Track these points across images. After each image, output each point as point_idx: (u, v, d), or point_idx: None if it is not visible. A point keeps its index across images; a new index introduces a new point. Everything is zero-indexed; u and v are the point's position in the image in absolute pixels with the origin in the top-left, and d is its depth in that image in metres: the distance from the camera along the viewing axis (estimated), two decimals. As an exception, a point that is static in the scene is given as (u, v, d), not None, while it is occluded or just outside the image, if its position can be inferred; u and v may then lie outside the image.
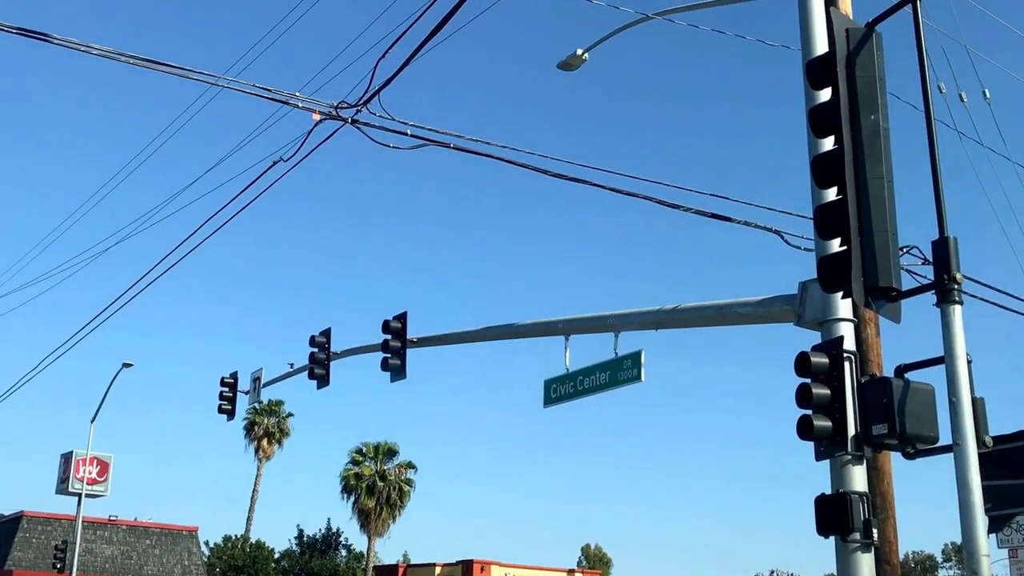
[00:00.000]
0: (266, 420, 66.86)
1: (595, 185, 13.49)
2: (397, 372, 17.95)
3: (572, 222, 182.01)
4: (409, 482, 61.67)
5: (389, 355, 17.93)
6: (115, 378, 34.22)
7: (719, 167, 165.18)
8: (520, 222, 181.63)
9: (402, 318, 18.07)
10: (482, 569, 62.33)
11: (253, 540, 65.33)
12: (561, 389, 15.29)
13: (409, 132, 13.62)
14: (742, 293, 11.32)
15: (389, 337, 17.96)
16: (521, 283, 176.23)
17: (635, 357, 13.66)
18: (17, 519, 57.96)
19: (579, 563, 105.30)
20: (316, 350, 19.79)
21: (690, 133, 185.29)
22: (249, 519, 67.28)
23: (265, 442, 67.01)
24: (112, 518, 59.53)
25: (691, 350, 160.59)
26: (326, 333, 19.90)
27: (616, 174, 13.60)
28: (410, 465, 62.52)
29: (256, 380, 22.56)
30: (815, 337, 10.01)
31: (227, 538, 65.76)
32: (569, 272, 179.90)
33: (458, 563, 63.74)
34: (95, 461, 39.96)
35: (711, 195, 13.25)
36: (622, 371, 13.82)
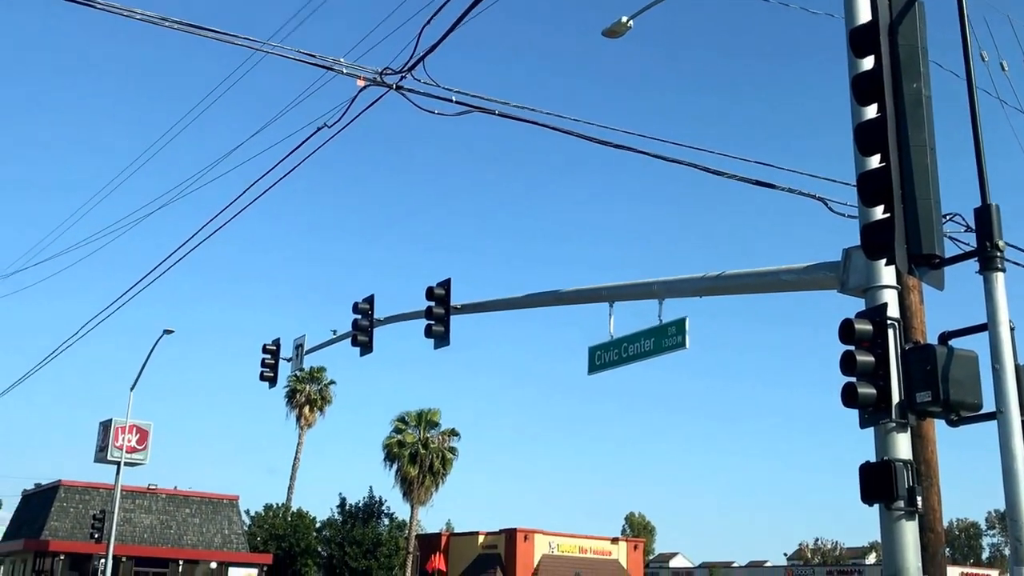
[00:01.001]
0: (308, 387, 68.26)
1: (640, 152, 13.90)
2: (440, 339, 18.54)
3: (617, 190, 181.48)
4: (452, 450, 62.79)
5: (432, 322, 18.52)
6: (155, 345, 35.33)
7: (763, 134, 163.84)
8: (564, 190, 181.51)
9: (446, 285, 18.63)
10: (525, 538, 63.50)
11: (294, 509, 66.95)
12: (605, 356, 15.82)
13: (454, 99, 14.02)
14: (786, 261, 11.76)
15: (433, 304, 18.54)
16: (565, 251, 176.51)
17: (679, 324, 14.15)
18: (55, 488, 59.90)
19: (623, 531, 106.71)
20: (359, 317, 20.44)
21: (735, 100, 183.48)
22: (290, 488, 68.96)
23: (307, 410, 68.44)
24: (151, 487, 61.32)
25: (734, 318, 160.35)
26: (369, 300, 20.53)
27: (661, 141, 14.00)
28: (453, 433, 63.63)
29: (299, 347, 23.29)
30: (859, 304, 10.44)
31: (268, 507, 67.48)
32: (613, 240, 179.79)
33: (501, 532, 64.95)
34: (134, 429, 41.25)
35: (756, 162, 13.61)
36: (666, 338, 14.33)
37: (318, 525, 66.47)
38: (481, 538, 66.21)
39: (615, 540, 70.12)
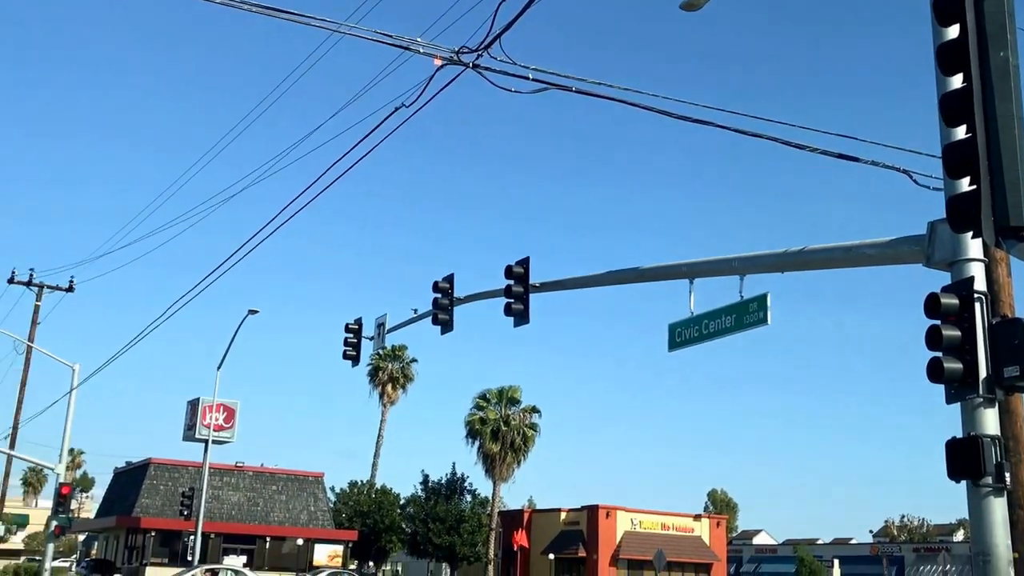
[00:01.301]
0: (390, 365, 69.37)
1: (720, 127, 13.90)
2: (520, 317, 18.79)
3: (695, 166, 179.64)
4: (533, 427, 63.27)
5: (512, 300, 18.77)
6: (241, 325, 36.27)
7: (845, 107, 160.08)
8: (643, 166, 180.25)
9: (524, 263, 18.86)
10: (607, 514, 63.77)
11: (378, 485, 68.18)
12: (686, 333, 15.91)
13: (531, 76, 14.14)
14: (868, 236, 11.71)
15: (512, 282, 18.79)
16: (644, 228, 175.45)
17: (761, 300, 14.17)
18: (144, 466, 61.95)
19: (705, 508, 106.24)
20: (439, 296, 20.81)
21: (813, 73, 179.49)
22: (374, 464, 70.28)
23: (389, 387, 69.60)
24: (238, 464, 63.03)
25: (815, 296, 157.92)
26: (449, 279, 20.89)
27: (741, 115, 13.98)
28: (534, 410, 64.08)
29: (380, 326, 23.80)
30: (944, 278, 10.38)
31: (353, 483, 68.83)
32: (692, 216, 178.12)
33: (583, 508, 65.31)
34: (221, 408, 42.50)
35: (837, 135, 13.50)
36: (748, 314, 14.37)
37: (402, 502, 67.51)
38: (563, 515, 66.68)
39: (697, 517, 69.99)
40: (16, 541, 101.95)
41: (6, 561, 74.19)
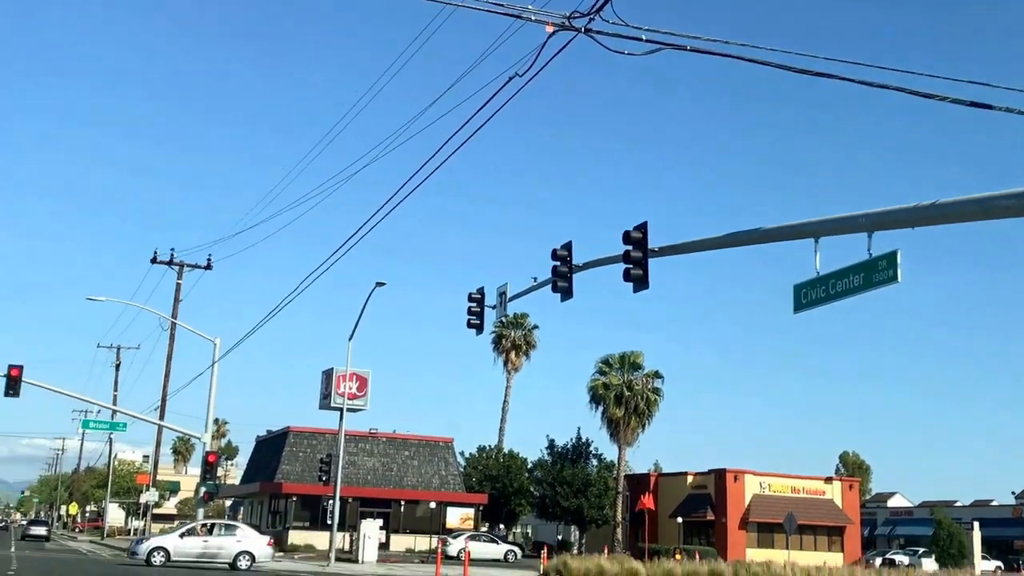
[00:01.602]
0: (513, 333, 69.87)
1: (843, 79, 13.27)
2: (639, 282, 18.50)
3: (817, 123, 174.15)
4: (656, 391, 62.86)
5: (631, 265, 18.49)
6: (369, 297, 36.86)
7: (976, 55, 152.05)
8: (760, 124, 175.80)
9: (643, 228, 18.54)
10: (735, 478, 62.97)
11: (506, 450, 68.97)
12: (812, 294, 15.39)
13: (644, 37, 13.81)
14: (1001, 187, 11.02)
15: (630, 248, 18.50)
16: (764, 189, 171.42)
17: (891, 257, 13.56)
18: (284, 435, 64.15)
19: (836, 471, 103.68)
20: (558, 263, 20.69)
21: (942, 20, 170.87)
22: (501, 430, 71.02)
23: (513, 354, 70.15)
24: (372, 431, 64.63)
25: (949, 252, 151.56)
26: (567, 246, 20.73)
27: (865, 66, 13.32)
28: (656, 375, 63.64)
29: (502, 295, 23.88)
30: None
31: (481, 448, 69.83)
32: (815, 173, 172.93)
33: (710, 472, 64.67)
34: (354, 377, 43.44)
35: (969, 82, 12.71)
36: (877, 272, 13.77)
37: (529, 466, 68.16)
38: (690, 478, 66.18)
39: (829, 480, 68.48)
40: (170, 506, 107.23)
41: (161, 525, 78.08)
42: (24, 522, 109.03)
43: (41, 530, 76.37)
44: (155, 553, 33.19)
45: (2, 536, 77.45)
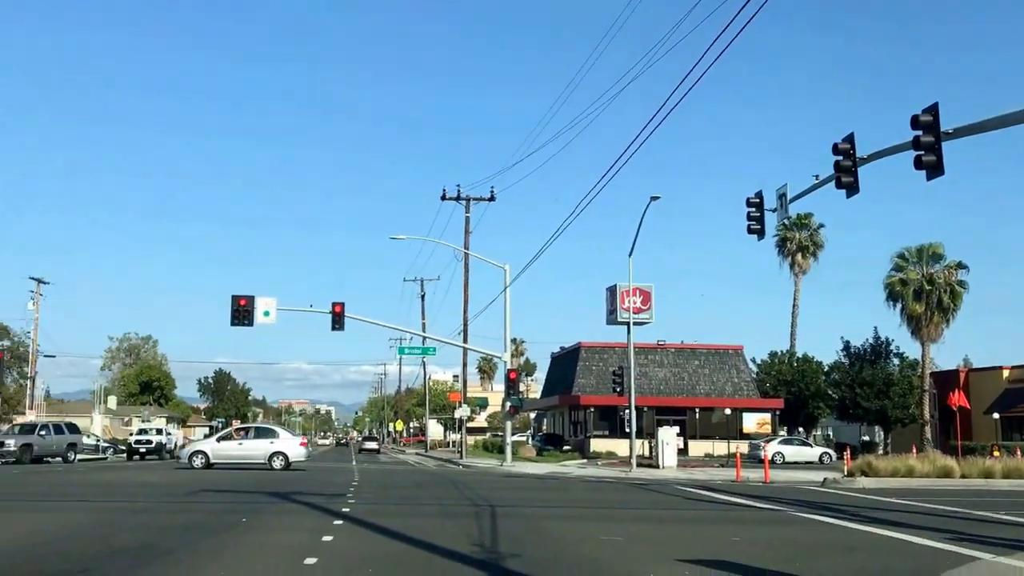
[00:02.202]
0: (797, 235, 67.17)
1: None
2: (933, 169, 17.00)
3: None
4: (961, 283, 58.41)
5: (922, 152, 17.02)
6: (645, 212, 36.60)
7: None
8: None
9: (933, 110, 16.96)
10: (1064, 371, 57.62)
11: (799, 354, 67.05)
12: None
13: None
14: None
15: (920, 133, 17.01)
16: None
17: None
18: (576, 350, 65.85)
19: None
20: (841, 158, 19.42)
21: None
22: (792, 334, 69.00)
23: (799, 256, 67.55)
24: (660, 343, 64.91)
25: None
26: (850, 139, 19.39)
27: None
28: (959, 266, 59.01)
29: (782, 196, 22.79)
30: None
31: (773, 354, 68.29)
32: None
33: (1030, 365, 59.60)
34: (637, 292, 43.45)
35: None
36: None
37: (825, 369, 66.04)
38: (1006, 372, 61.35)
39: None
40: (481, 420, 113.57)
41: (475, 437, 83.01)
42: (359, 438, 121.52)
43: (373, 445, 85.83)
44: (195, 456, 34.66)
45: (344, 451, 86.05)
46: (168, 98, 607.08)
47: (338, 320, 39.21)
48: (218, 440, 36.54)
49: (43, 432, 41.28)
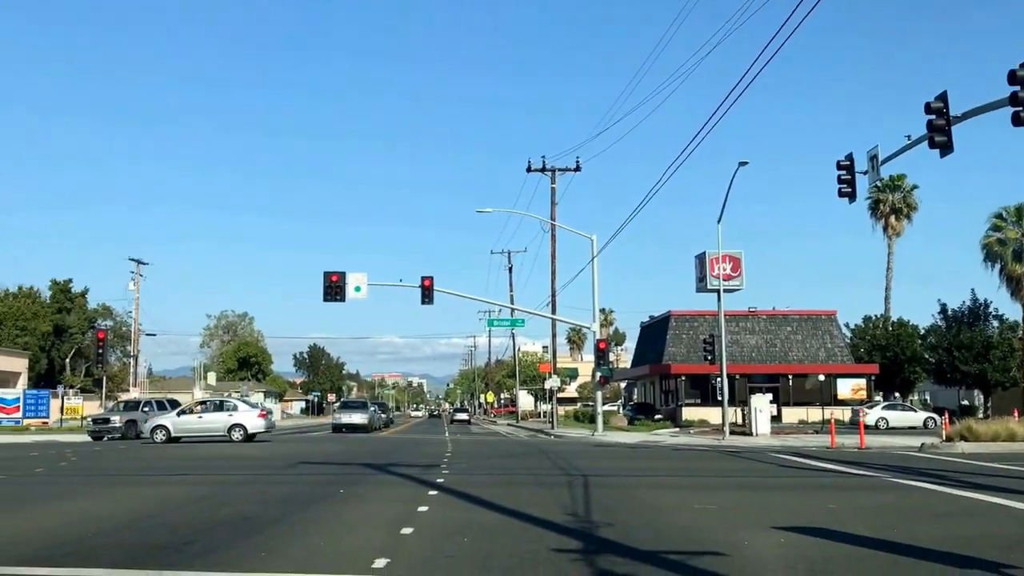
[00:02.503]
0: (890, 197, 65.33)
1: None
2: (1032, 124, 16.38)
3: None
4: (1063, 242, 56.14)
5: (1020, 108, 16.42)
6: (734, 177, 36.00)
7: None
8: None
9: (1031, 63, 16.31)
10: None
11: (894, 318, 65.44)
12: None
13: None
14: None
15: (1017, 88, 16.39)
16: None
17: None
18: (666, 319, 65.38)
19: None
20: (933, 117, 18.82)
21: None
22: (886, 298, 67.36)
23: (892, 219, 65.73)
24: (751, 309, 64.03)
25: None
26: (943, 97, 18.77)
27: None
28: (1061, 223, 56.70)
29: (873, 158, 22.21)
30: None
31: (867, 319, 66.82)
32: None
33: None
34: (727, 259, 42.81)
35: None
36: None
37: (921, 332, 64.36)
38: (1117, 332, 58.96)
39: None
40: (571, 390, 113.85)
41: (566, 407, 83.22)
42: (451, 410, 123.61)
43: (464, 416, 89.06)
44: (156, 431, 35.30)
45: (436, 423, 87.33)
46: (260, 93, 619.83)
47: (427, 294, 39.66)
48: (178, 415, 37.32)
49: (146, 409, 42.67)
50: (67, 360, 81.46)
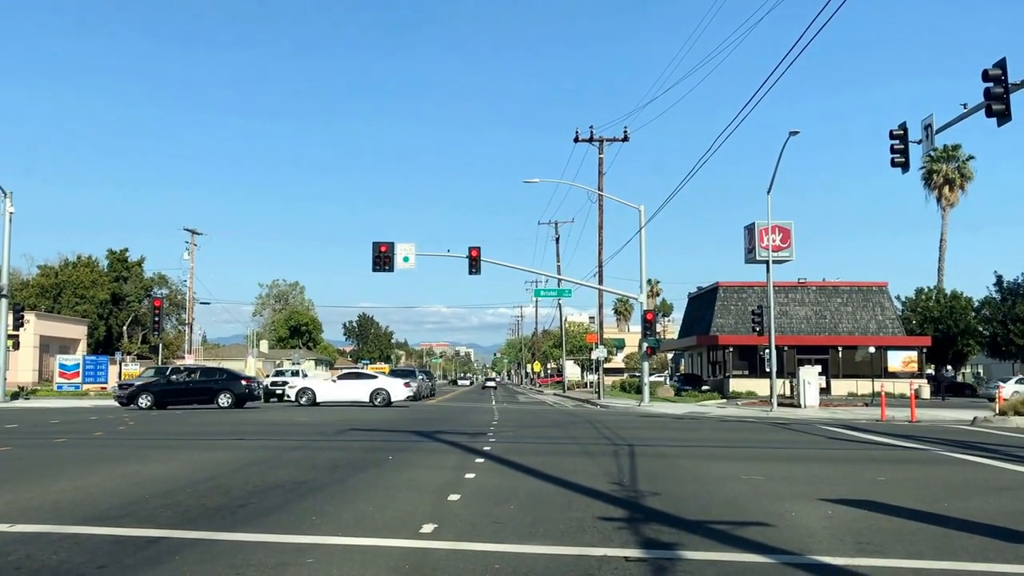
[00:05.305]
0: (944, 167, 64.02)
1: None
2: (1095, 92, 15.90)
3: None
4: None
5: (1082, 74, 15.92)
6: (784, 147, 35.51)
7: None
8: None
9: (1094, 29, 15.82)
10: None
11: (947, 291, 64.34)
12: None
13: None
14: None
15: (1080, 54, 15.92)
16: None
17: None
18: (714, 290, 64.85)
19: None
20: (991, 85, 18.36)
21: None
22: (939, 269, 66.21)
23: (946, 189, 64.46)
24: (801, 281, 63.29)
25: None
26: (1001, 64, 18.28)
27: None
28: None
29: (927, 127, 21.74)
30: None
31: (919, 291, 65.78)
32: None
33: None
34: (776, 229, 42.40)
35: None
36: None
37: (975, 305, 63.21)
38: None
39: None
40: (618, 361, 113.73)
41: (612, 378, 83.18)
42: (483, 380, 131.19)
43: (492, 384, 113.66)
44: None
45: (484, 392, 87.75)
46: (311, 90, 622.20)
47: (475, 264, 39.74)
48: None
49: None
50: (124, 327, 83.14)
